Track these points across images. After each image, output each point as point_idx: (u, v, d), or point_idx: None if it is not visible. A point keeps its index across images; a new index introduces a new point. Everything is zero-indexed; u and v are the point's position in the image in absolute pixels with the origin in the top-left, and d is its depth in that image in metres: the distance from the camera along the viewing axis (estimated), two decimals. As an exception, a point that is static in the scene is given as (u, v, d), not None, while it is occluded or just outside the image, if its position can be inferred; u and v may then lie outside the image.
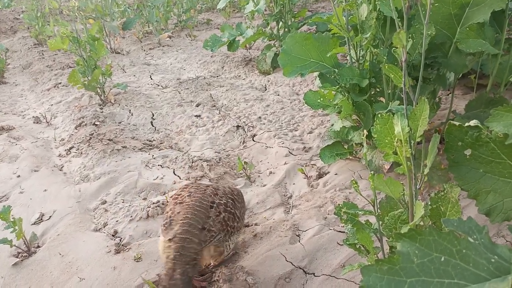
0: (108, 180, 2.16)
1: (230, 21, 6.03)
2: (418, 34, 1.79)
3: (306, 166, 2.19)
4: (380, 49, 1.84)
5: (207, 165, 2.24)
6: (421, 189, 1.80)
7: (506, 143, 1.01)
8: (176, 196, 1.49)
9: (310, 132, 2.55)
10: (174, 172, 2.24)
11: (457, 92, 2.63)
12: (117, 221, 1.83)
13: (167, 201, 1.94)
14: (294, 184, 2.08)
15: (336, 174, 2.05)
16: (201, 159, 2.29)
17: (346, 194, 1.88)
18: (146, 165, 2.30)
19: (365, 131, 1.21)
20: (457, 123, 1.12)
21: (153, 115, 3.06)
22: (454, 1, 1.76)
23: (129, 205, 1.92)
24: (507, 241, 1.48)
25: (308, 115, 2.74)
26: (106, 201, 2.00)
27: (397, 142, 1.10)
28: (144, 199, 2.02)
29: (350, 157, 2.12)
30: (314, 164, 2.21)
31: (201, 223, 1.38)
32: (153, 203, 1.89)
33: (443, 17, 1.80)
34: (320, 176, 2.09)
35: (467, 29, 1.77)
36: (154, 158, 2.36)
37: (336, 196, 1.89)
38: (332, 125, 2.25)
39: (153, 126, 2.91)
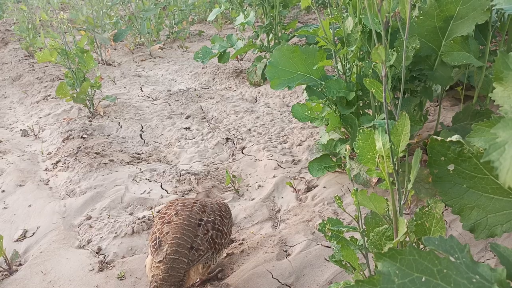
0: (94, 195, 2.13)
1: (222, 33, 6.05)
2: (403, 47, 1.79)
3: (294, 179, 2.18)
4: (365, 62, 1.85)
5: (195, 178, 2.22)
6: (409, 203, 1.79)
7: (482, 161, 1.00)
8: (163, 215, 1.46)
9: (300, 145, 2.54)
10: (161, 186, 2.21)
11: (445, 103, 2.64)
12: (101, 237, 1.80)
13: (154, 217, 1.92)
14: (282, 197, 2.06)
15: (324, 187, 2.04)
16: (189, 173, 2.27)
17: (334, 208, 1.86)
18: (133, 179, 2.27)
19: (348, 146, 1.20)
20: (439, 138, 1.11)
21: (142, 128, 3.04)
22: (438, 14, 1.77)
23: (114, 221, 1.89)
24: (495, 255, 1.47)
25: (298, 127, 2.74)
26: (91, 217, 1.96)
27: (378, 158, 1.09)
28: (131, 214, 1.99)
29: (339, 170, 2.10)
30: (303, 177, 2.19)
31: (190, 242, 1.36)
32: (139, 219, 1.86)
33: (428, 30, 1.81)
34: (308, 189, 2.08)
35: (452, 42, 1.78)
36: (142, 172, 2.34)
37: (324, 210, 1.87)
38: (321, 137, 2.24)
39: (142, 138, 2.89)
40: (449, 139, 1.10)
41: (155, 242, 1.37)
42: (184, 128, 2.95)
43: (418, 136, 2.15)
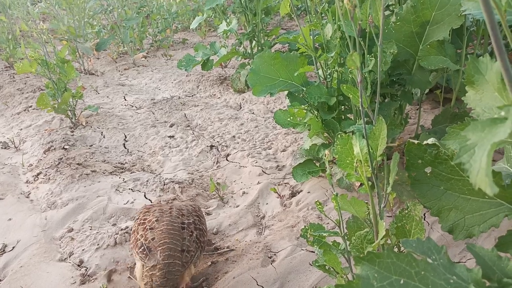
0: (76, 207, 2.09)
1: (206, 40, 6.06)
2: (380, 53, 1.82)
3: (279, 185, 2.18)
4: (345, 67, 1.87)
5: (179, 187, 2.20)
6: (391, 205, 1.81)
7: (453, 163, 1.02)
8: (143, 222, 1.47)
9: (284, 150, 2.54)
10: (145, 195, 2.19)
11: (425, 106, 2.69)
12: (83, 249, 1.77)
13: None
14: (267, 204, 2.06)
15: (309, 192, 2.05)
16: (173, 181, 2.25)
17: (319, 213, 1.87)
18: (116, 189, 2.24)
19: (327, 152, 1.21)
20: (415, 141, 1.13)
21: (126, 137, 3.01)
22: (415, 19, 1.81)
23: (97, 232, 1.86)
24: (475, 255, 1.49)
25: (282, 133, 2.75)
26: (73, 229, 1.93)
27: (357, 163, 1.10)
28: (114, 225, 1.96)
29: (322, 175, 2.11)
30: (287, 183, 2.20)
31: (180, 245, 1.40)
32: (122, 230, 1.83)
33: (405, 35, 1.85)
34: (293, 195, 2.08)
35: (429, 46, 1.82)
36: (125, 182, 2.31)
37: (308, 215, 1.88)
38: (304, 143, 2.25)
39: (125, 148, 2.86)
40: (425, 142, 1.11)
41: (142, 248, 1.38)
42: (168, 137, 2.94)
43: (399, 139, 2.18)
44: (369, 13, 1.26)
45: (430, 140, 1.09)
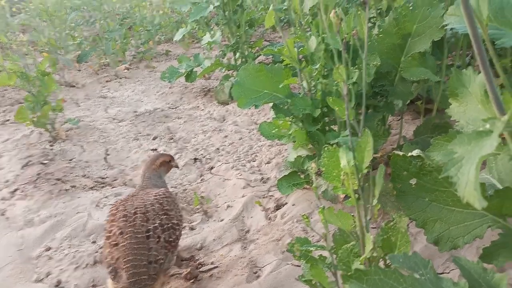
0: (54, 224, 2.02)
1: (189, 52, 6.04)
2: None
3: (264, 197, 2.16)
4: (329, 79, 1.87)
5: (162, 201, 2.15)
6: (375, 217, 1.80)
7: (441, 176, 1.02)
8: (108, 234, 1.42)
9: (268, 162, 2.53)
10: (126, 210, 2.13)
11: (407, 117, 2.71)
12: (61, 269, 1.70)
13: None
14: (252, 217, 2.03)
15: (293, 205, 2.03)
16: (156, 196, 2.20)
17: (304, 226, 1.85)
18: (96, 205, 2.18)
19: (313, 164, 1.19)
20: (401, 153, 1.13)
21: (107, 151, 2.95)
22: (397, 32, 1.83)
23: (76, 251, 1.80)
24: (461, 265, 1.48)
25: (266, 145, 2.73)
26: (50, 248, 1.86)
27: (344, 175, 1.08)
28: (94, 242, 1.89)
29: (307, 187, 2.10)
30: (272, 195, 2.17)
31: (146, 258, 1.35)
32: (101, 247, 1.77)
33: (387, 47, 1.87)
34: (278, 207, 2.06)
35: (410, 58, 1.84)
36: (106, 197, 2.25)
37: (294, 228, 1.86)
38: (289, 154, 2.24)
39: (106, 162, 2.80)
40: (410, 154, 1.11)
41: (110, 269, 1.36)
42: (151, 150, 2.89)
43: (382, 150, 2.19)
44: (353, 26, 1.27)
45: (415, 152, 1.09)
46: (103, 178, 2.55)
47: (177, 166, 1.97)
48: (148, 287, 1.32)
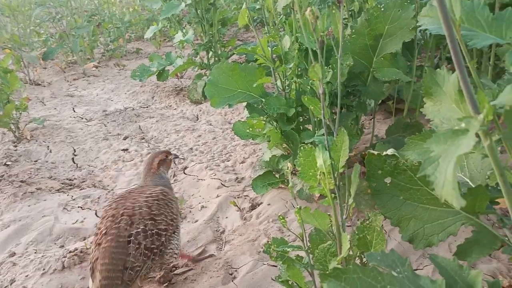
0: (18, 228, 1.92)
1: (161, 50, 5.93)
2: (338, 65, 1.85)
3: (238, 197, 2.14)
4: (303, 79, 1.88)
5: (134, 203, 2.09)
6: (350, 215, 1.82)
7: (418, 176, 1.03)
8: (97, 233, 1.41)
9: (243, 162, 2.51)
10: (96, 213, 2.06)
11: (378, 117, 2.76)
12: (27, 275, 1.62)
13: (87, 248, 1.76)
14: (227, 217, 2.00)
15: (269, 205, 2.02)
16: (127, 197, 2.14)
17: (280, 225, 1.84)
18: (64, 208, 2.09)
19: (289, 164, 1.18)
20: (375, 152, 1.14)
21: (75, 151, 2.84)
22: (369, 32, 1.86)
23: (42, 256, 1.71)
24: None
25: (240, 144, 2.71)
26: (15, 253, 1.77)
27: (320, 175, 1.08)
28: (61, 246, 1.81)
29: (282, 186, 2.10)
30: (247, 195, 2.16)
31: (121, 263, 1.31)
32: (70, 252, 1.70)
33: (360, 48, 1.89)
34: (253, 207, 2.04)
35: (382, 58, 1.87)
36: (74, 199, 2.16)
37: (269, 228, 1.85)
38: (263, 154, 2.23)
39: (74, 163, 2.70)
40: (384, 153, 1.12)
41: (90, 267, 1.34)
42: (122, 150, 2.81)
43: (355, 149, 2.21)
44: (327, 25, 1.27)
45: (390, 151, 1.10)
46: (70, 180, 2.46)
47: (177, 157, 1.90)
48: None
